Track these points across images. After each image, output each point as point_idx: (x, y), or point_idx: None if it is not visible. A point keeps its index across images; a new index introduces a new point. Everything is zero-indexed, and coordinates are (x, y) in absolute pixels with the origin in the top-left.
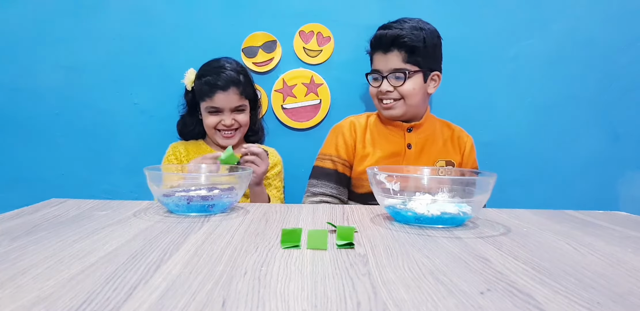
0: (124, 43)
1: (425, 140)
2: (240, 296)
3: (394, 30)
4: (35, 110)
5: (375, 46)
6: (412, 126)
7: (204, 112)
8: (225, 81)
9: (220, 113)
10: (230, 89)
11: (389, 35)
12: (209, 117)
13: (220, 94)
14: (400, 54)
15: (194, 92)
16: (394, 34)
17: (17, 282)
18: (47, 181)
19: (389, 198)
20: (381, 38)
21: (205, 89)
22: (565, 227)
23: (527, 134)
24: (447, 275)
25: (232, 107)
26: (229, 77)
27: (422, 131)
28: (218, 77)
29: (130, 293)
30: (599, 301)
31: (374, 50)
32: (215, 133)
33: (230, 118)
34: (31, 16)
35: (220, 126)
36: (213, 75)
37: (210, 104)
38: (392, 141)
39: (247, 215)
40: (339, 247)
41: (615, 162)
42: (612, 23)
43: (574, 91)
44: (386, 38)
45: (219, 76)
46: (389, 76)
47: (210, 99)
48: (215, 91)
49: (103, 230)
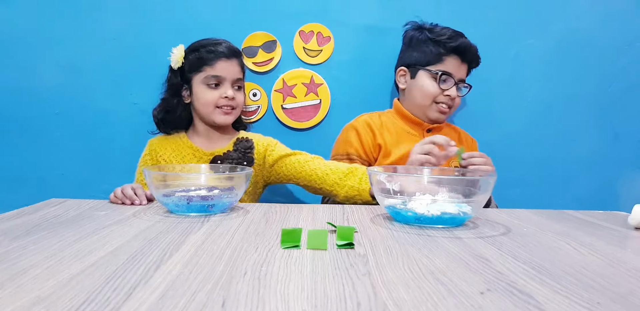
0: (124, 43)
1: None
2: (240, 297)
3: (474, 46)
4: (35, 110)
5: (456, 51)
6: (433, 127)
7: (200, 88)
8: (228, 49)
9: (220, 86)
10: (233, 58)
11: (473, 48)
12: (207, 91)
13: (224, 62)
14: (467, 68)
15: (182, 70)
16: (475, 50)
17: (17, 282)
18: (47, 181)
19: (389, 198)
20: (469, 48)
21: (207, 57)
22: (565, 227)
23: (527, 134)
24: (447, 275)
25: (234, 78)
26: (231, 47)
27: (440, 133)
28: (219, 45)
29: (130, 293)
30: (599, 301)
31: (450, 53)
32: (213, 111)
33: (232, 91)
34: (31, 16)
35: (221, 101)
36: (213, 45)
37: (211, 73)
38: (413, 140)
39: (247, 215)
40: (339, 247)
41: (615, 162)
42: (612, 23)
43: (573, 91)
44: (473, 52)
45: (220, 45)
46: (460, 84)
47: (211, 67)
48: (218, 58)
49: (103, 230)
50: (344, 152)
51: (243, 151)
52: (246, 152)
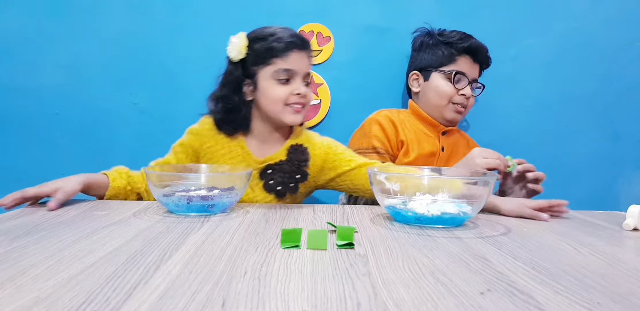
0: (124, 43)
1: (454, 145)
2: (240, 297)
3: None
4: (35, 110)
5: (468, 51)
6: (447, 130)
7: (268, 83)
8: (300, 39)
9: (291, 81)
10: (305, 49)
11: (484, 49)
12: (277, 87)
13: (296, 53)
14: (479, 69)
15: (244, 62)
16: (486, 51)
17: (17, 282)
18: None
19: (389, 198)
20: (481, 48)
21: (277, 47)
22: (565, 227)
23: (527, 134)
24: (447, 275)
25: (304, 73)
26: (303, 36)
27: (452, 137)
28: (290, 34)
29: (130, 293)
30: (599, 302)
31: (462, 53)
32: (283, 109)
33: (304, 87)
34: (31, 16)
35: (292, 98)
36: (283, 33)
37: (282, 66)
38: (429, 141)
39: (247, 215)
40: (339, 247)
41: (615, 162)
42: (612, 23)
43: (574, 91)
44: (482, 51)
45: (291, 34)
46: (474, 84)
47: (282, 60)
48: (291, 48)
49: (103, 230)
50: (369, 145)
51: (297, 163)
52: (300, 166)
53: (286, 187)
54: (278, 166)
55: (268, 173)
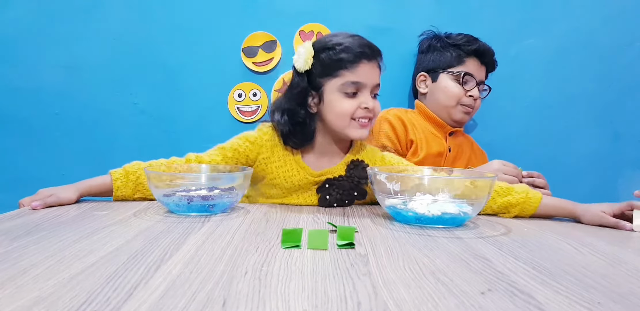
0: (124, 43)
1: (459, 146)
2: (241, 296)
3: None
4: (35, 110)
5: (476, 53)
6: (455, 130)
7: (334, 96)
8: (370, 49)
9: (358, 94)
10: (375, 59)
11: (490, 51)
12: (344, 101)
13: (366, 65)
14: (486, 70)
15: (312, 72)
16: (492, 53)
17: (17, 282)
18: (47, 181)
19: (390, 198)
20: (488, 50)
21: (345, 58)
22: (566, 227)
23: (527, 134)
24: (448, 274)
25: (374, 84)
26: (372, 45)
27: (458, 138)
28: (359, 43)
29: (131, 293)
30: (599, 301)
31: (470, 55)
32: (349, 123)
33: (372, 101)
34: (31, 16)
35: (359, 112)
36: (351, 42)
37: (350, 79)
38: (436, 141)
39: (247, 215)
40: (339, 247)
41: (615, 162)
42: (612, 23)
43: (574, 91)
44: (489, 54)
45: (362, 41)
46: (480, 86)
47: (351, 71)
48: (360, 59)
49: (103, 230)
50: (379, 144)
51: (357, 180)
52: (360, 183)
53: (342, 203)
54: (337, 182)
55: (326, 188)
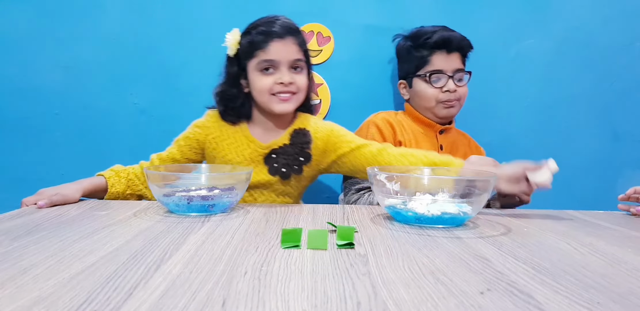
0: (123, 43)
1: (452, 144)
2: (241, 296)
3: (455, 33)
4: (35, 110)
5: (439, 46)
6: (444, 128)
7: (254, 75)
8: (281, 27)
9: (276, 71)
10: (287, 37)
11: (453, 36)
12: (261, 78)
13: (277, 43)
14: (459, 56)
15: (239, 56)
16: (459, 37)
17: (17, 282)
18: (47, 181)
19: (389, 198)
20: (450, 39)
21: (257, 39)
22: (566, 227)
23: (527, 134)
24: (447, 274)
25: (290, 59)
26: (286, 24)
27: (450, 135)
28: (272, 24)
29: (131, 293)
30: (599, 301)
31: (433, 50)
32: (269, 99)
33: (289, 75)
34: (31, 16)
35: (277, 87)
36: (265, 24)
37: (263, 57)
38: (428, 140)
39: (247, 215)
40: (339, 247)
41: (615, 162)
42: (612, 23)
43: (573, 91)
44: (452, 40)
45: (274, 23)
46: (455, 76)
47: (263, 51)
48: (270, 39)
49: (103, 230)
50: None
51: (300, 145)
52: (303, 148)
53: (290, 169)
54: (281, 150)
55: (272, 158)
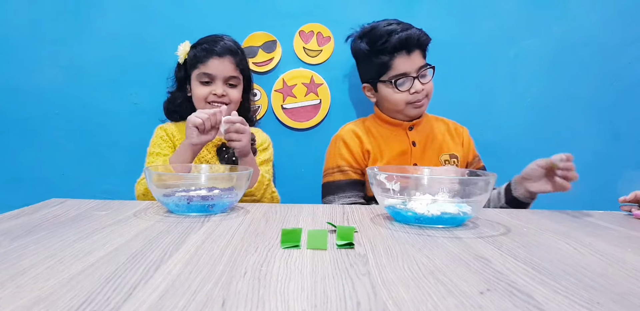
0: (123, 43)
1: (426, 137)
2: (240, 296)
3: (409, 31)
4: (35, 110)
5: (397, 49)
6: (413, 124)
7: (194, 84)
8: (222, 48)
9: (212, 83)
10: (226, 56)
11: (411, 35)
12: (199, 87)
13: (215, 60)
14: (420, 52)
15: (186, 64)
16: (414, 34)
17: (17, 282)
18: (47, 181)
19: (389, 198)
20: (408, 39)
21: (200, 54)
22: (565, 227)
23: (527, 134)
24: (447, 274)
25: (225, 76)
26: (227, 45)
27: (422, 129)
28: (215, 44)
29: (131, 293)
30: (598, 301)
31: (392, 53)
32: (204, 106)
33: (222, 88)
34: (31, 16)
35: (211, 97)
36: (210, 42)
37: (203, 71)
38: (397, 140)
39: (247, 215)
40: (339, 247)
41: (615, 162)
42: (612, 23)
43: (573, 91)
44: (411, 39)
45: (217, 43)
46: (420, 75)
47: (204, 65)
48: (211, 56)
49: (103, 230)
50: (334, 165)
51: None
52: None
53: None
54: None
55: (223, 150)
